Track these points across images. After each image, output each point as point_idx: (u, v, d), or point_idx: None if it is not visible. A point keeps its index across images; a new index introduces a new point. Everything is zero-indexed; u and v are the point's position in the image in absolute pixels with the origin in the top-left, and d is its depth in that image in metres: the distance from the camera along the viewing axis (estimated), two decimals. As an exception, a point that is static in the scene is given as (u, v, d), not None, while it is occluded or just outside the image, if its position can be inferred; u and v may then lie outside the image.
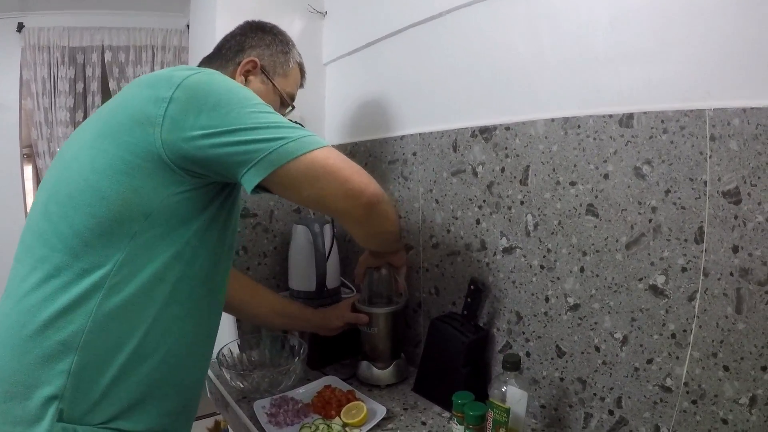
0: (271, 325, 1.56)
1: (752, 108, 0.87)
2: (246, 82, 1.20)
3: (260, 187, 0.91)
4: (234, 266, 1.22)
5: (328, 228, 1.66)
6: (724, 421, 0.96)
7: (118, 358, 0.89)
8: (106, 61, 3.48)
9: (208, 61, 1.24)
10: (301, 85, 1.39)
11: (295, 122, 0.97)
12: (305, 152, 0.88)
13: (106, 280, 0.86)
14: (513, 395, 1.06)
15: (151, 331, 0.92)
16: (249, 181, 0.89)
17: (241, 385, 1.39)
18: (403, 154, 1.63)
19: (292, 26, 1.91)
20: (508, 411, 1.05)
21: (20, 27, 2.92)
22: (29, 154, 3.87)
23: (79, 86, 3.44)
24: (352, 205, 0.95)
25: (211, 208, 0.97)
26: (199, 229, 0.96)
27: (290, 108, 1.32)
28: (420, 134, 1.56)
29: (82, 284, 0.85)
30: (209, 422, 3.00)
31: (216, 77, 0.92)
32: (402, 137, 1.63)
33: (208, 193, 0.96)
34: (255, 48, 1.24)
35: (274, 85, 1.24)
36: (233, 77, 1.18)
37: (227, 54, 1.23)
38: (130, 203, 0.86)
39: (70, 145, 0.98)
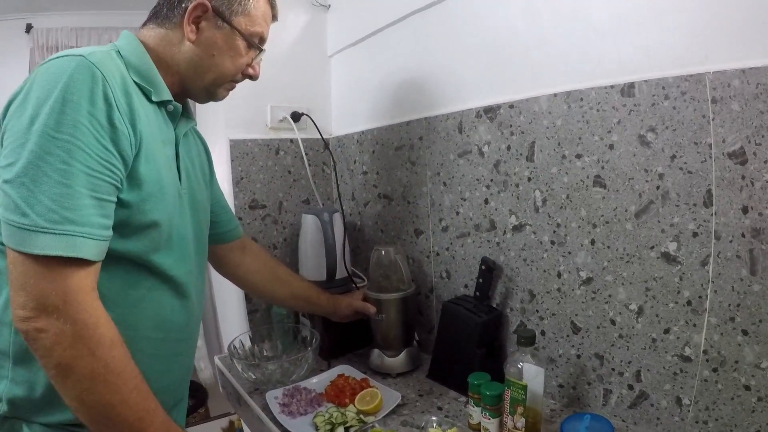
0: (286, 306, 1.56)
1: (751, 68, 0.87)
2: (198, 30, 1.00)
3: None
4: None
5: (337, 216, 1.66)
6: (747, 388, 0.95)
7: None
8: (113, 60, 3.50)
9: (154, 16, 1.04)
10: (274, 18, 1.13)
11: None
12: (27, 252, 0.74)
13: None
14: (529, 371, 1.04)
15: None
16: None
17: (253, 376, 1.39)
18: (410, 139, 1.63)
19: (297, 20, 1.92)
20: (525, 388, 1.03)
21: (29, 28, 2.94)
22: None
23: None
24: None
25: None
26: None
27: (260, 51, 1.10)
28: (425, 118, 1.55)
29: None
30: (224, 422, 3.00)
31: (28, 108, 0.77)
32: (408, 123, 1.63)
33: None
34: None
35: (232, 26, 1.02)
36: (181, 29, 1.00)
37: (171, 1, 1.01)
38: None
39: None
